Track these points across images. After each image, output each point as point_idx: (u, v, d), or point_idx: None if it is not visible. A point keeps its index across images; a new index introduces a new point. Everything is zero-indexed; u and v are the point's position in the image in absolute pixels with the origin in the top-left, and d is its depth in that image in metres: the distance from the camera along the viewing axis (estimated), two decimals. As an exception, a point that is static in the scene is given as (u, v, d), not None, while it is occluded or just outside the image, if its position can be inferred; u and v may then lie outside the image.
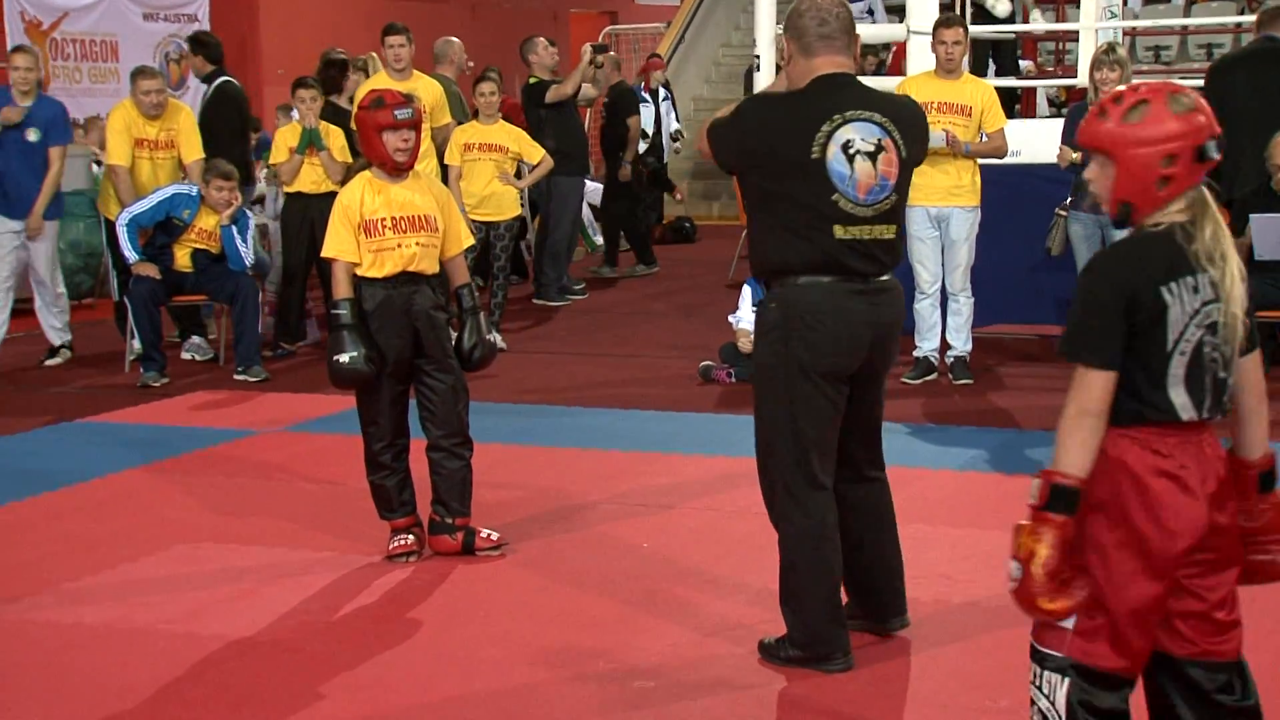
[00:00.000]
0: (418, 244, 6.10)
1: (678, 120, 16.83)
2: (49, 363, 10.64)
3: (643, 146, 15.59)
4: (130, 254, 9.84)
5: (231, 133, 11.18)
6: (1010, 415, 8.60)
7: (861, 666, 4.99)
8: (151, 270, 9.82)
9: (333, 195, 10.64)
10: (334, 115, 11.14)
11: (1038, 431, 8.07)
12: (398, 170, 6.13)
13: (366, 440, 6.25)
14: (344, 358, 5.97)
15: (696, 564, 6.16)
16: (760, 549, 6.25)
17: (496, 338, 10.84)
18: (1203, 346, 3.37)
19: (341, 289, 6.08)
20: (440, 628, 5.55)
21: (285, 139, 10.84)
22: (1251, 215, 8.83)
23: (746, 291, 10.00)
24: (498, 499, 6.68)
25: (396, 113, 6.04)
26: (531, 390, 9.58)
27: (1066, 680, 3.47)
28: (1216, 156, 3.38)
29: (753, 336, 9.49)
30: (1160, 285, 3.34)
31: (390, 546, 6.23)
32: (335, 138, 10.81)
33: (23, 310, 12.64)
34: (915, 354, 9.70)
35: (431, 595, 5.90)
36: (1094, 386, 3.36)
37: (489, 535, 6.29)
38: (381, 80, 11.02)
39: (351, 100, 11.55)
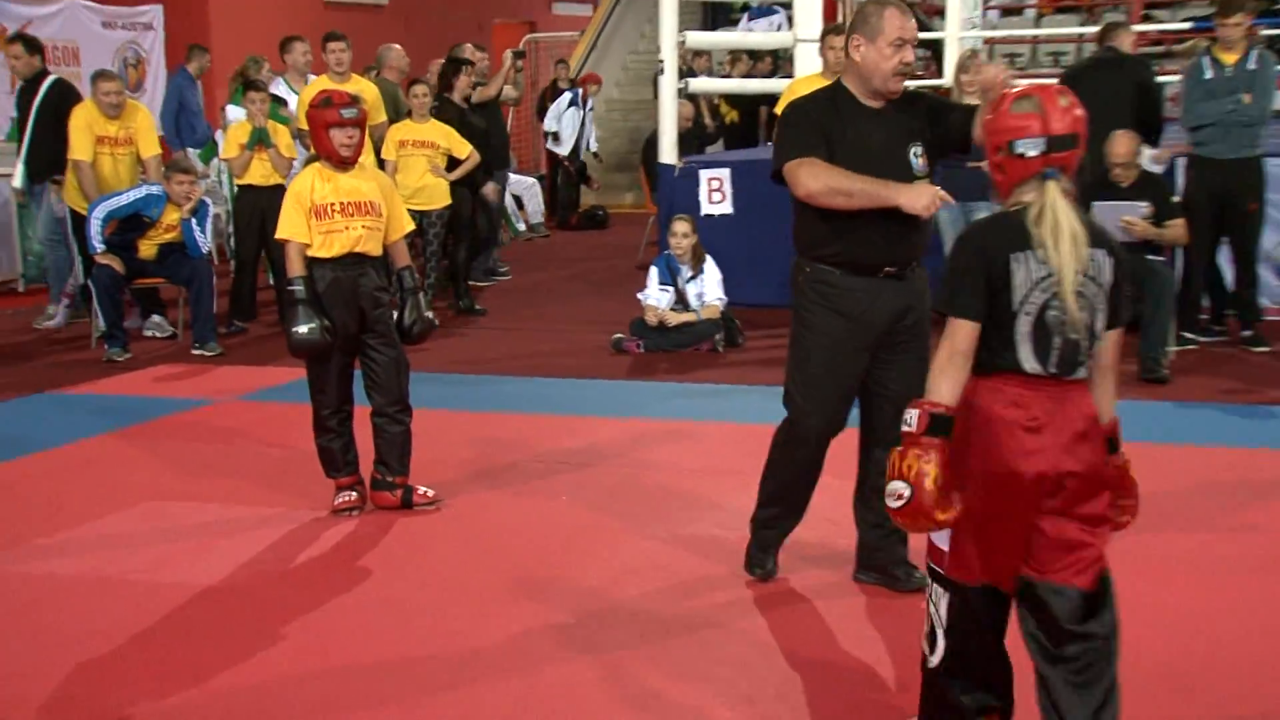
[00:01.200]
0: (364, 227, 6.13)
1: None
2: None
3: (568, 148, 15.95)
4: (96, 244, 9.74)
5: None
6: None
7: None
8: (114, 261, 9.75)
9: (280, 188, 10.72)
10: (441, 110, 11.37)
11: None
12: (343, 163, 6.14)
13: (315, 407, 6.25)
14: (302, 329, 5.96)
15: (612, 514, 6.19)
16: (668, 500, 6.32)
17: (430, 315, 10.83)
18: (1047, 310, 3.48)
19: (295, 268, 6.08)
20: (383, 575, 5.55)
21: (236, 136, 10.80)
22: (1093, 203, 8.95)
23: (654, 271, 10.02)
24: (432, 459, 6.67)
25: (342, 111, 6.09)
26: (460, 361, 9.57)
27: (948, 593, 3.63)
28: (1028, 154, 3.51)
29: (661, 311, 9.64)
30: (1009, 254, 3.49)
31: (335, 502, 6.26)
32: (282, 135, 10.78)
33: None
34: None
35: (375, 546, 5.90)
36: (961, 333, 3.52)
37: (425, 492, 6.33)
38: (323, 82, 10.97)
39: (467, 100, 11.92)
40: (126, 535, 6.05)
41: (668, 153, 12.02)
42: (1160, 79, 10.60)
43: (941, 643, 3.66)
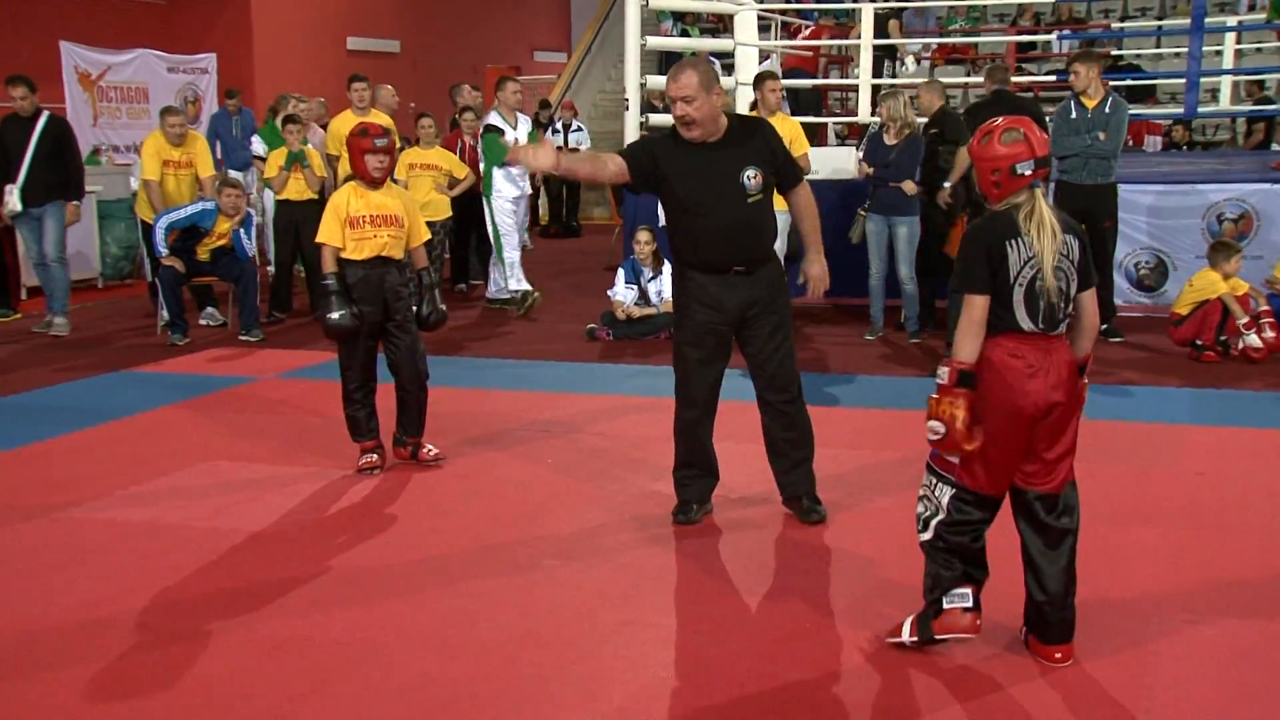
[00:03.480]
0: (389, 235, 6.12)
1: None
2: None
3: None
4: (161, 249, 9.69)
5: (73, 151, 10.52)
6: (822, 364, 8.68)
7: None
8: (177, 263, 9.68)
9: (313, 202, 10.66)
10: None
11: (838, 374, 8.17)
12: (374, 182, 6.14)
13: (344, 383, 6.22)
14: (335, 315, 5.98)
15: (588, 474, 6.15)
16: (634, 463, 6.29)
17: (443, 307, 10.78)
18: (1035, 282, 3.86)
19: (329, 265, 6.07)
20: (401, 523, 5.51)
21: (276, 159, 10.74)
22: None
23: (620, 273, 10.01)
24: (438, 428, 6.62)
25: (375, 141, 6.12)
26: (458, 346, 9.52)
27: (951, 490, 3.99)
28: (1025, 173, 3.89)
29: (627, 306, 9.61)
30: (1004, 241, 3.87)
31: (360, 462, 6.21)
32: (313, 158, 10.72)
33: (77, 286, 12.42)
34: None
35: (394, 500, 5.84)
36: (977, 306, 3.88)
37: (429, 450, 6.36)
38: (346, 117, 10.91)
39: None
40: (187, 489, 5.98)
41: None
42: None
43: (933, 523, 4.03)
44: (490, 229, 11.00)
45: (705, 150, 5.12)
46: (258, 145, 11.62)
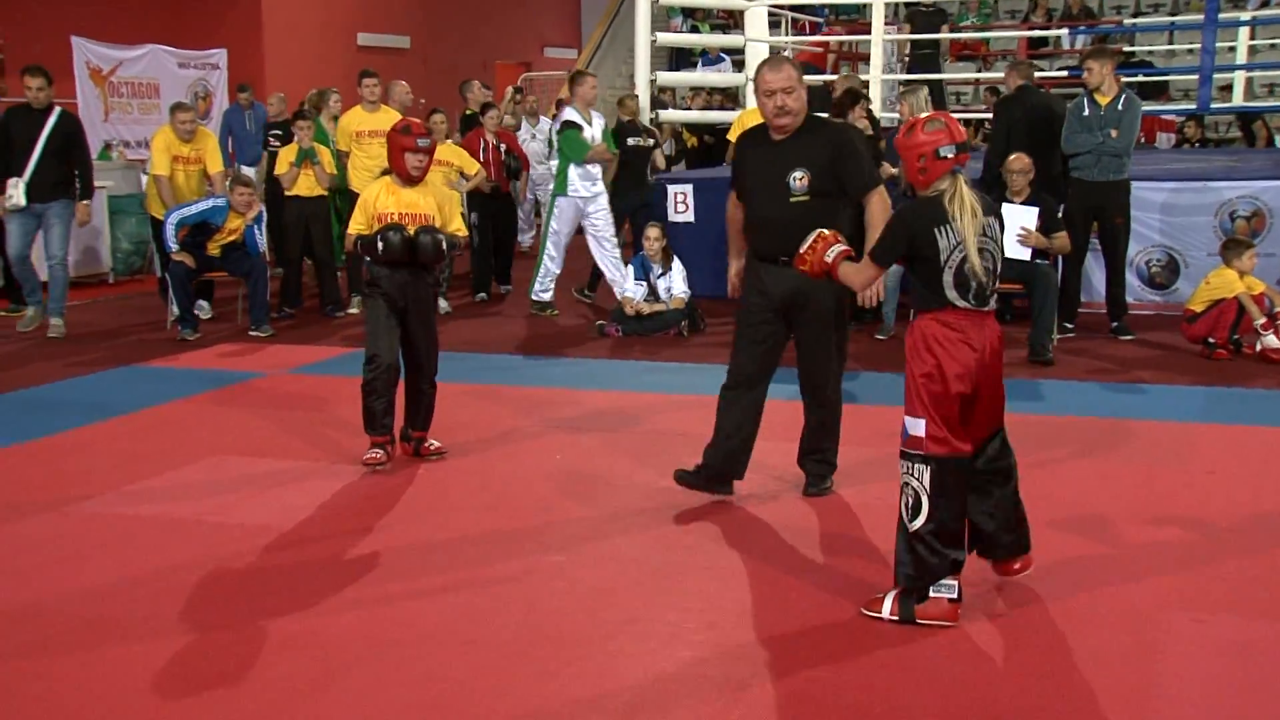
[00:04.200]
0: None
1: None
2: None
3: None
4: (172, 245, 9.72)
5: (82, 149, 10.32)
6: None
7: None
8: (187, 258, 9.70)
9: (322, 198, 10.67)
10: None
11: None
12: (410, 180, 6.17)
13: (368, 370, 6.09)
14: (391, 234, 5.98)
15: (596, 469, 6.15)
16: (642, 458, 6.28)
17: (444, 304, 10.81)
18: (964, 264, 4.23)
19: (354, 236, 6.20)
20: (409, 518, 5.50)
21: (286, 156, 10.76)
22: (1003, 206, 8.95)
23: (630, 269, 10.00)
24: (450, 423, 6.62)
25: (419, 141, 6.14)
26: (469, 342, 9.52)
27: (929, 467, 4.20)
28: (948, 155, 4.24)
29: (636, 302, 9.61)
30: (933, 228, 4.23)
31: (365, 456, 6.12)
32: (323, 154, 10.72)
33: (88, 282, 12.44)
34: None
35: (402, 495, 5.83)
36: (873, 273, 4.48)
37: (431, 444, 6.36)
38: (356, 113, 10.90)
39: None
40: (195, 484, 5.98)
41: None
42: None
43: (926, 507, 4.19)
44: (544, 226, 10.77)
45: (773, 146, 5.46)
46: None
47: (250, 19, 17.83)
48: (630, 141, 11.58)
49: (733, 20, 19.52)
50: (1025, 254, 8.69)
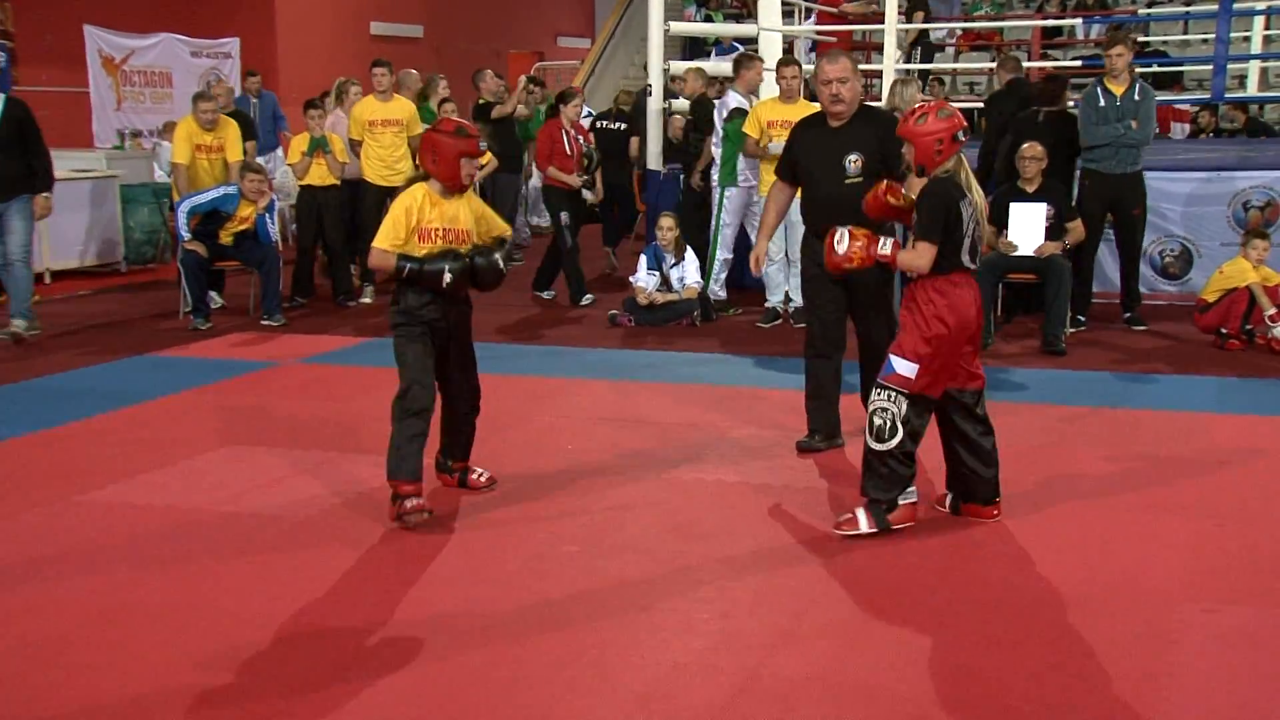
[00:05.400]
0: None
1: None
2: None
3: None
4: (184, 234, 9.76)
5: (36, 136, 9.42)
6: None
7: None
8: (199, 247, 9.73)
9: (334, 188, 10.67)
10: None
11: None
12: (458, 189, 5.37)
13: (407, 402, 5.22)
14: (451, 264, 5.23)
15: (610, 460, 6.16)
16: (656, 450, 6.28)
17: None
18: (975, 231, 4.92)
19: (393, 260, 5.23)
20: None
21: (298, 145, 10.78)
22: (1010, 204, 8.92)
23: (643, 259, 10.00)
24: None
25: (481, 144, 5.55)
26: (480, 332, 9.51)
27: (906, 400, 4.89)
28: (962, 139, 4.88)
29: (650, 292, 9.62)
30: (958, 202, 4.87)
31: (406, 507, 5.18)
32: (335, 143, 10.73)
33: (101, 271, 12.47)
34: (765, 305, 9.76)
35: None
36: (929, 253, 4.87)
37: (479, 474, 5.74)
38: (369, 102, 10.90)
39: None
40: (209, 473, 6.00)
41: (654, 160, 11.96)
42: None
43: (900, 431, 4.88)
44: (714, 222, 9.99)
45: (828, 131, 6.07)
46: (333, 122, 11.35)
47: (263, 8, 17.83)
48: (599, 125, 11.44)
49: (746, 9, 19.47)
50: (1033, 248, 8.69)
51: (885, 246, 5.00)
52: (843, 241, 5.06)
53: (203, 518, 5.34)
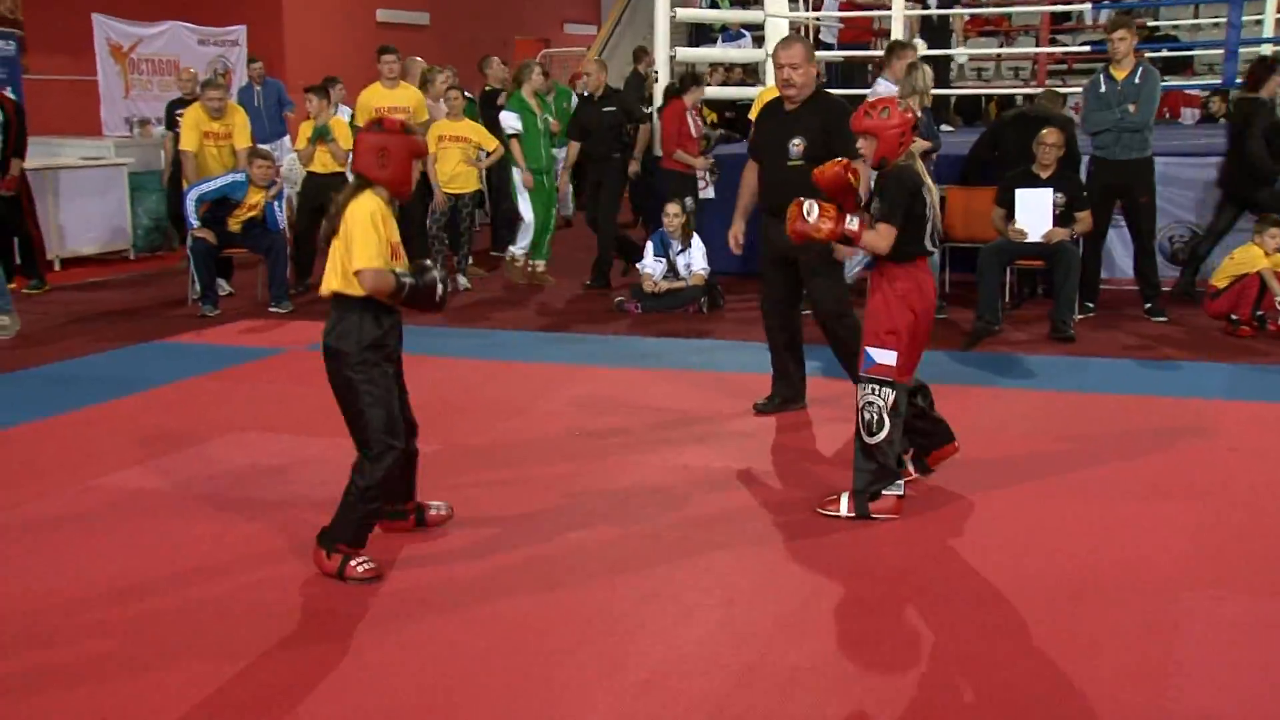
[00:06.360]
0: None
1: None
2: None
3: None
4: (193, 221, 9.77)
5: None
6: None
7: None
8: (208, 234, 9.76)
9: (338, 175, 10.64)
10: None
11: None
12: (405, 199, 4.72)
13: (383, 471, 4.53)
14: (435, 273, 4.57)
15: (616, 447, 6.15)
16: (661, 436, 6.28)
17: (462, 279, 10.82)
18: (933, 217, 5.09)
19: (392, 280, 4.44)
20: (424, 495, 5.48)
21: (304, 132, 10.79)
22: (1017, 190, 8.89)
23: (650, 245, 9.98)
24: (461, 401, 6.63)
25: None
26: (489, 318, 9.53)
27: (894, 391, 5.00)
28: (920, 130, 5.58)
29: (656, 279, 9.60)
30: (920, 187, 5.04)
31: (362, 570, 4.50)
32: (339, 128, 10.76)
33: (109, 259, 12.47)
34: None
35: (417, 470, 5.82)
36: (890, 236, 4.99)
37: (437, 509, 5.08)
38: (376, 89, 10.88)
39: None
40: (217, 458, 6.01)
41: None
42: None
43: (889, 423, 4.98)
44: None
45: (781, 115, 6.38)
46: (510, 119, 10.96)
47: (270, -5, 17.83)
48: (605, 109, 11.26)
49: (753, -5, 19.42)
50: (1040, 234, 8.67)
51: (853, 223, 5.01)
52: (812, 212, 5.02)
53: (213, 502, 5.34)
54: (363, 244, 4.38)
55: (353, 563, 4.50)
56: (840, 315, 6.30)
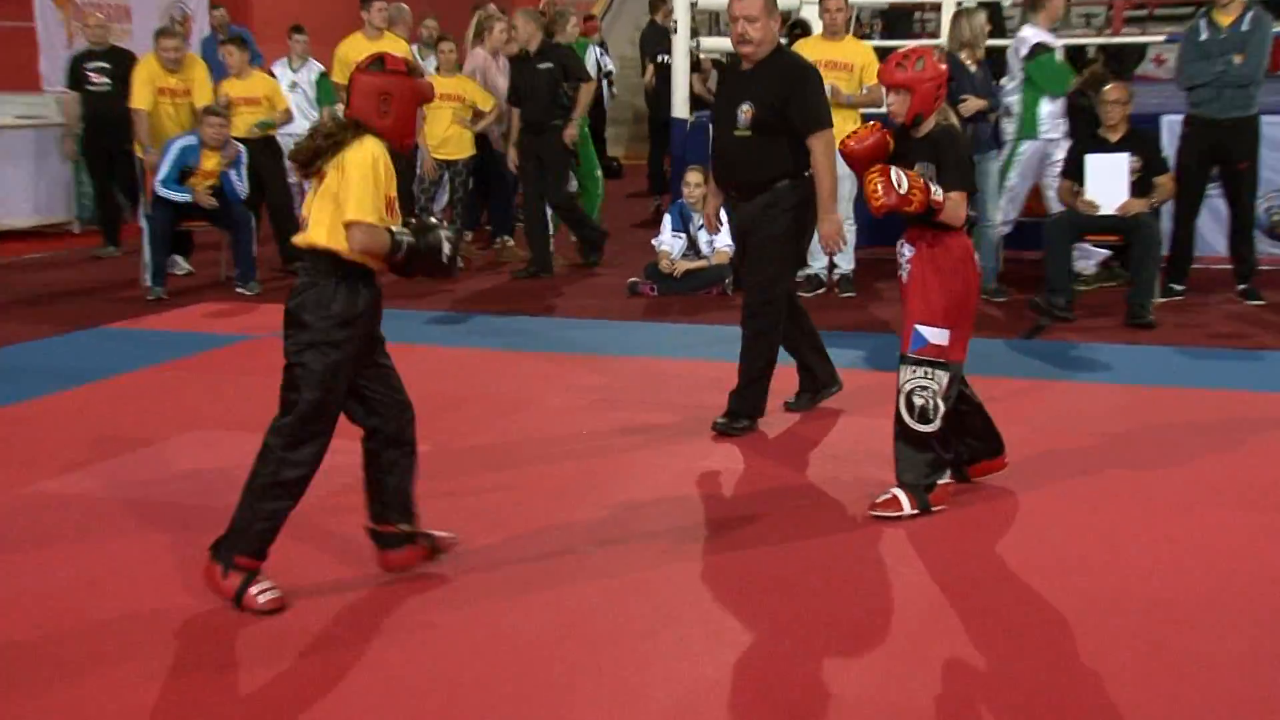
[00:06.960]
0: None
1: (613, 66, 16.53)
2: None
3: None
4: (166, 183, 9.71)
5: None
6: (885, 323, 8.62)
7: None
8: (177, 196, 9.70)
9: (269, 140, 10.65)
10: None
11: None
12: (406, 151, 4.84)
13: (303, 470, 4.54)
14: (446, 241, 4.42)
15: (628, 448, 6.17)
16: (679, 437, 6.29)
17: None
18: None
19: (386, 238, 4.26)
20: (417, 499, 5.51)
21: (225, 89, 10.84)
22: (1086, 156, 8.84)
23: (667, 219, 9.99)
24: (460, 395, 6.64)
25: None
26: (490, 302, 9.54)
27: (948, 373, 5.02)
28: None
29: (674, 257, 9.61)
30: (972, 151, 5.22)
31: (263, 601, 4.36)
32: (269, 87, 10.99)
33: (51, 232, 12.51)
34: (805, 272, 9.70)
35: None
36: (964, 203, 5.00)
37: (438, 536, 4.78)
38: (357, 40, 10.89)
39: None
40: (176, 462, 6.02)
41: (679, 107, 11.94)
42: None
43: (942, 409, 5.02)
44: (997, 180, 9.42)
45: (737, 77, 6.28)
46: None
47: (235, -68, 17.83)
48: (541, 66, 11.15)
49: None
50: (1115, 206, 8.60)
51: (938, 192, 4.93)
52: (903, 182, 4.85)
53: (172, 510, 5.35)
54: (359, 193, 4.19)
55: (253, 590, 4.34)
56: (757, 313, 6.30)
